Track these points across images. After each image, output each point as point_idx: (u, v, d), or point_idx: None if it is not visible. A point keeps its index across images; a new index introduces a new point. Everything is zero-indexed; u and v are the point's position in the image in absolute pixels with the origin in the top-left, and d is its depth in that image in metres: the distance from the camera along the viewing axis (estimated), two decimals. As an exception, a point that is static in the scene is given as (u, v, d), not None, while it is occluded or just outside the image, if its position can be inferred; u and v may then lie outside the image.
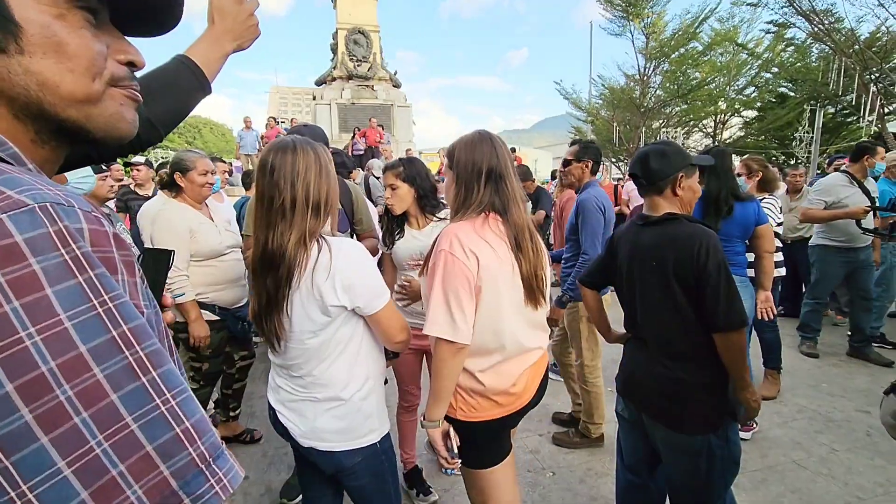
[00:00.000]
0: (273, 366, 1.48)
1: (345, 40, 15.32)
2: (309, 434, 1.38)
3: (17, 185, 0.39)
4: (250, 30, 0.98)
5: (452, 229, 1.42)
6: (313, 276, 1.26)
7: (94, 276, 0.39)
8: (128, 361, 0.39)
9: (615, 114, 19.00)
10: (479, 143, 1.47)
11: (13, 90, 0.46)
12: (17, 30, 0.45)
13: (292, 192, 1.27)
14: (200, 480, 0.41)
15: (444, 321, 1.36)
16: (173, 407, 0.41)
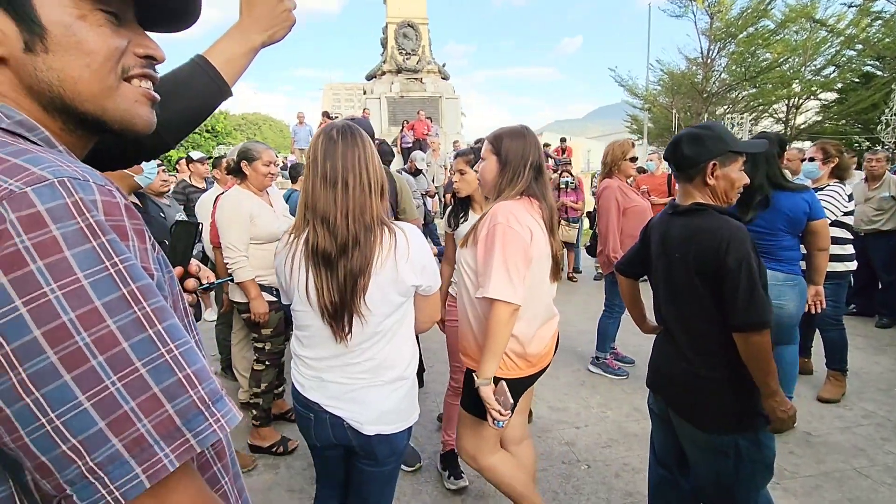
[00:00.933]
0: (307, 364, 1.42)
1: (394, 34, 15.50)
2: (375, 420, 1.37)
3: (39, 163, 0.44)
4: (282, 16, 0.90)
5: (507, 206, 1.58)
6: (395, 256, 1.30)
7: (106, 241, 0.44)
8: (136, 315, 0.45)
9: (674, 100, 18.03)
10: (526, 136, 1.70)
11: (39, 86, 0.52)
12: (42, 31, 0.51)
13: (367, 174, 1.31)
14: (201, 419, 0.46)
15: (504, 285, 1.51)
16: (176, 356, 0.46)
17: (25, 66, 0.51)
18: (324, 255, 1.29)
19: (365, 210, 1.30)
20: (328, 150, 1.30)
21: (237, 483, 0.67)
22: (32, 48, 0.51)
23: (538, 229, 1.60)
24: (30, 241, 0.41)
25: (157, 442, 0.44)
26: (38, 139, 0.51)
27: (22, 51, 0.51)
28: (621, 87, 19.38)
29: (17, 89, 0.52)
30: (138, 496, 0.43)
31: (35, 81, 0.52)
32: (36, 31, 0.51)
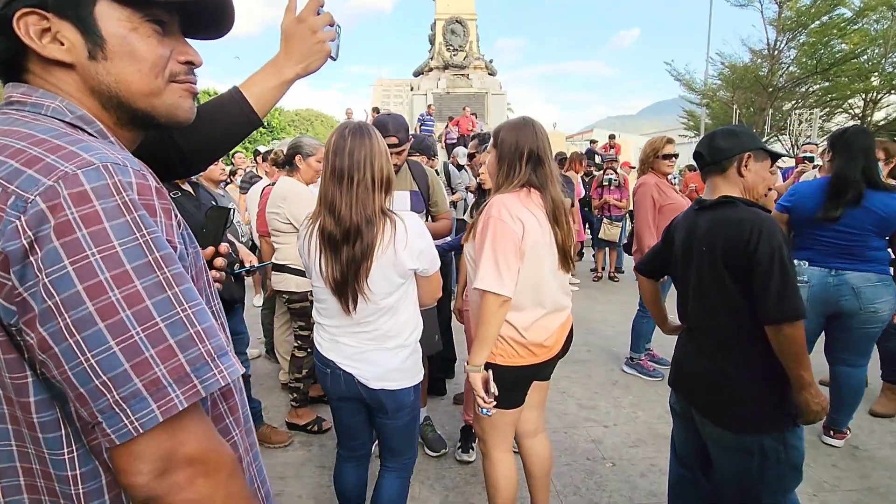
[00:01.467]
0: (325, 329, 1.65)
1: (442, 30, 15.59)
2: (381, 377, 1.59)
3: (90, 151, 0.54)
4: (315, 48, 0.93)
5: (500, 199, 1.61)
6: (395, 244, 1.47)
7: (138, 216, 0.53)
8: (158, 279, 0.53)
9: (736, 95, 17.04)
10: (523, 127, 1.68)
11: (100, 87, 0.63)
12: (103, 42, 0.61)
13: (372, 171, 1.47)
14: (207, 369, 0.54)
15: (492, 277, 1.55)
16: (189, 314, 0.55)
17: (89, 70, 0.62)
18: (330, 239, 1.50)
19: (367, 204, 1.47)
20: (339, 147, 1.48)
21: (249, 438, 0.76)
22: (95, 56, 0.62)
23: (532, 221, 1.60)
24: (77, 214, 0.50)
25: (171, 384, 0.52)
26: (94, 131, 0.62)
27: (86, 58, 0.62)
28: (678, 82, 18.54)
29: (82, 90, 0.64)
30: (153, 429, 0.51)
31: (96, 83, 0.63)
32: (98, 41, 0.61)
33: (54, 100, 0.60)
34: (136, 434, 0.50)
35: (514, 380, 1.71)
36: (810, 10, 14.95)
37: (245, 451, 0.73)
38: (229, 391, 0.72)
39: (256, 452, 0.78)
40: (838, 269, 2.48)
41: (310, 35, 0.92)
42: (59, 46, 0.60)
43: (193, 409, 0.55)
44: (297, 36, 0.92)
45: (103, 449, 0.55)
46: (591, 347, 4.27)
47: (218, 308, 0.74)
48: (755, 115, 16.63)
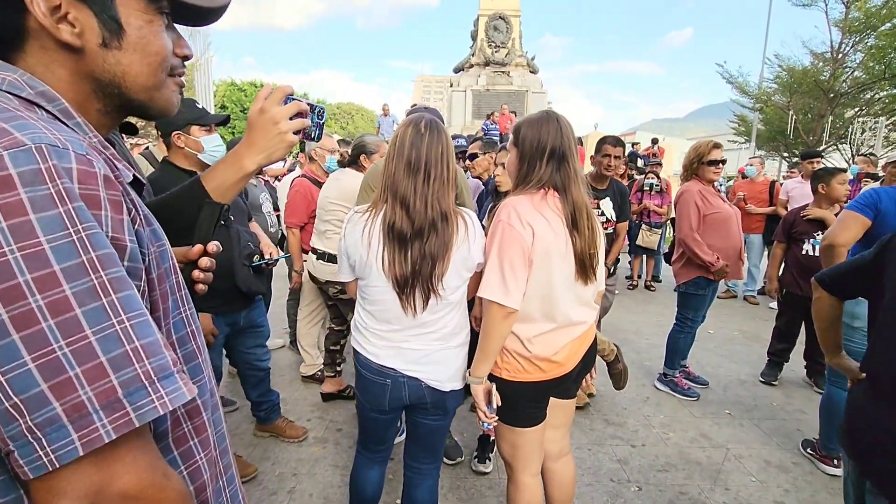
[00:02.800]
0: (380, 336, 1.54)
1: (485, 26, 15.41)
2: (452, 377, 1.57)
3: (24, 129, 0.46)
4: (275, 140, 0.88)
5: (512, 202, 1.50)
6: (469, 240, 1.47)
7: (73, 208, 0.45)
8: (92, 283, 0.45)
9: (792, 99, 16.09)
10: (546, 122, 1.54)
11: (102, 75, 0.60)
12: (121, 32, 0.59)
13: (448, 168, 1.46)
14: (143, 394, 0.46)
15: (497, 285, 1.46)
16: (127, 328, 0.47)
17: (96, 57, 0.58)
18: (399, 234, 1.43)
19: (442, 200, 1.44)
20: (415, 140, 1.44)
21: (223, 460, 0.68)
22: (108, 44, 0.58)
23: (544, 226, 1.47)
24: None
25: (97, 411, 0.44)
26: (56, 110, 0.56)
27: (98, 45, 0.58)
28: (729, 85, 17.65)
29: (77, 74, 0.59)
30: (76, 461, 0.44)
31: (100, 71, 0.59)
32: (116, 31, 0.58)
33: (13, 73, 0.54)
34: (51, 468, 0.43)
35: (525, 395, 1.60)
36: (881, 11, 13.92)
37: (213, 478, 0.66)
38: (195, 409, 0.64)
39: (231, 476, 0.71)
40: None
41: (271, 126, 0.88)
42: (70, 29, 0.56)
43: (133, 436, 0.47)
44: (258, 126, 0.88)
45: None
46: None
47: (188, 315, 0.67)
48: (813, 122, 15.66)
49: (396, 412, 1.65)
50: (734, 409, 3.24)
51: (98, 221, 0.48)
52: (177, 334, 0.63)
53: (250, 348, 2.47)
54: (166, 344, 0.51)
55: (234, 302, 2.21)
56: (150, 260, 0.56)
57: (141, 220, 0.56)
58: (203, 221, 0.88)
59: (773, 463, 2.65)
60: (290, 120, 0.88)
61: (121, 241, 0.50)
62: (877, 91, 14.95)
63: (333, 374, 3.25)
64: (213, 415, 0.68)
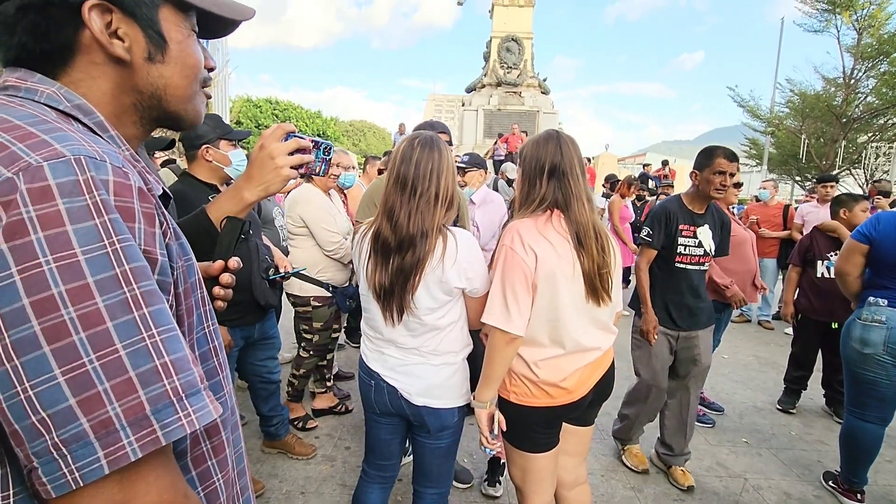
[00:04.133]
0: (370, 339, 1.62)
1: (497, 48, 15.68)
2: (424, 392, 1.53)
3: (64, 141, 0.47)
4: (272, 174, 0.93)
5: (515, 226, 1.50)
6: (444, 261, 1.44)
7: (109, 220, 0.45)
8: (125, 296, 0.45)
9: (805, 124, 16.06)
10: (546, 141, 1.55)
11: (145, 87, 0.62)
12: (165, 46, 0.61)
13: (437, 185, 1.45)
14: (170, 411, 0.45)
15: (499, 312, 1.45)
16: (157, 342, 0.46)
17: (141, 71, 0.60)
18: (383, 245, 1.47)
19: (426, 217, 1.43)
20: (406, 156, 1.46)
21: (241, 481, 0.67)
22: (153, 58, 0.61)
23: (548, 250, 1.45)
24: (35, 212, 0.42)
25: (124, 427, 0.43)
26: (91, 123, 0.57)
27: (144, 59, 0.60)
28: (741, 108, 17.69)
29: (120, 87, 0.60)
30: (101, 480, 0.42)
31: (144, 83, 0.61)
32: (160, 45, 0.61)
33: (51, 86, 0.56)
34: (75, 487, 0.42)
35: (534, 420, 1.56)
36: (894, 37, 13.94)
37: (229, 499, 0.64)
38: (215, 427, 0.62)
39: (248, 498, 0.69)
40: None
41: (268, 161, 0.92)
42: (121, 43, 0.58)
43: (157, 454, 0.46)
44: (257, 162, 0.93)
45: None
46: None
47: (212, 330, 0.67)
48: (826, 147, 15.59)
49: (392, 419, 1.64)
50: (751, 438, 3.15)
51: (132, 234, 0.48)
52: (199, 350, 0.63)
53: (262, 360, 2.46)
54: (195, 360, 0.50)
55: (249, 314, 2.22)
56: (178, 274, 0.56)
57: (171, 234, 0.57)
58: (224, 237, 0.88)
59: (793, 496, 2.56)
60: (290, 155, 0.93)
61: (152, 254, 0.50)
62: (890, 117, 14.89)
63: (324, 390, 3.26)
64: (232, 434, 0.67)
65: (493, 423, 1.53)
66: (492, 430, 1.53)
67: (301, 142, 0.93)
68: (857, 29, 14.73)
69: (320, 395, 3.26)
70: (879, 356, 2.27)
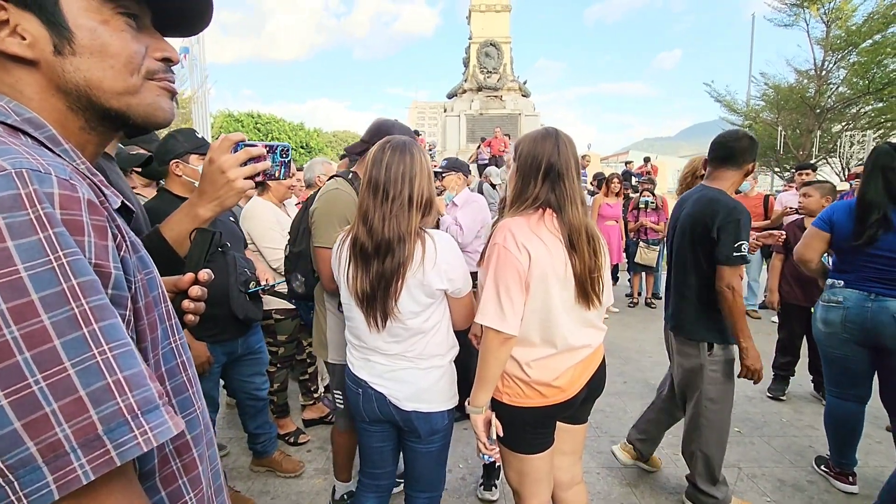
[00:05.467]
0: (355, 347, 1.61)
1: (476, 53, 15.78)
2: (412, 397, 1.52)
3: (5, 155, 0.45)
4: (225, 188, 0.88)
5: (507, 224, 1.46)
6: (423, 264, 1.43)
7: (54, 233, 0.43)
8: (73, 312, 0.43)
9: (780, 116, 16.40)
10: (543, 138, 1.50)
11: (67, 86, 0.57)
12: (70, 35, 0.55)
13: (410, 189, 1.43)
14: (124, 430, 0.43)
15: (493, 311, 1.42)
16: (109, 358, 0.44)
17: (55, 67, 0.55)
18: (362, 250, 1.46)
19: (402, 221, 1.42)
20: (377, 160, 1.45)
21: (217, 499, 0.65)
22: (61, 51, 0.55)
23: (541, 250, 1.41)
24: None
25: (75, 449, 0.41)
26: (42, 136, 0.54)
27: (52, 53, 0.55)
28: (718, 103, 18.01)
29: (45, 90, 0.56)
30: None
31: (63, 82, 0.56)
32: (64, 34, 0.55)
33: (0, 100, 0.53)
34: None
35: (528, 421, 1.54)
36: (861, 28, 14.33)
37: None
38: (185, 445, 0.60)
39: None
40: (878, 294, 2.26)
41: (219, 175, 0.88)
42: (19, 41, 0.53)
43: (114, 475, 0.44)
44: (207, 177, 0.89)
45: None
46: (627, 379, 4.01)
47: (179, 345, 0.64)
48: (802, 137, 15.91)
49: (382, 426, 1.63)
50: (743, 427, 3.17)
51: (80, 247, 0.45)
52: (166, 365, 0.60)
53: (249, 377, 2.41)
54: (151, 375, 0.48)
55: (231, 329, 2.17)
56: (136, 288, 0.54)
57: (127, 247, 0.54)
58: (194, 249, 0.85)
59: (787, 482, 2.57)
60: (243, 166, 0.88)
61: (105, 267, 0.48)
62: (862, 105, 15.25)
63: (312, 402, 3.25)
64: (207, 450, 0.65)
65: (490, 428, 1.50)
66: (489, 436, 1.50)
67: (252, 150, 0.88)
68: (825, 22, 15.12)
69: (309, 406, 3.24)
70: (840, 335, 2.38)
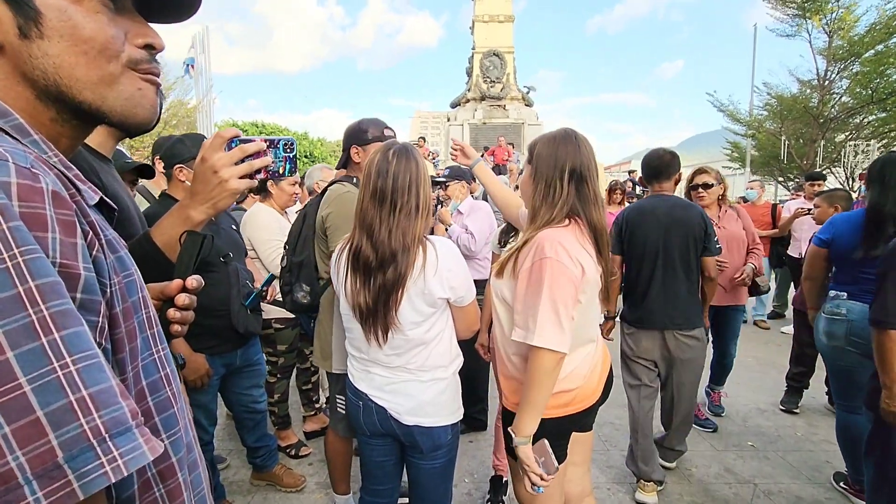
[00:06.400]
0: (356, 359, 1.55)
1: (479, 63, 15.86)
2: (414, 411, 1.47)
3: None
4: (218, 189, 0.82)
5: (555, 236, 1.36)
6: (425, 271, 1.38)
7: (8, 228, 0.38)
8: (30, 319, 0.37)
9: (784, 125, 16.37)
10: (564, 140, 1.44)
11: (34, 73, 0.51)
12: (37, 16, 0.49)
13: (417, 197, 1.40)
14: (89, 457, 0.37)
15: (552, 332, 1.30)
16: (72, 373, 0.38)
17: (20, 52, 0.50)
18: (365, 263, 1.40)
19: (407, 231, 1.38)
20: (381, 168, 1.39)
21: None
22: (27, 34, 0.49)
23: (590, 262, 1.37)
24: None
25: (30, 482, 0.35)
26: (8, 126, 0.49)
27: (17, 36, 0.49)
28: (720, 113, 18.00)
29: (10, 76, 0.51)
30: None
31: (29, 68, 0.51)
32: (30, 14, 0.49)
33: None
34: None
35: (550, 432, 1.46)
36: (864, 39, 14.33)
37: None
38: (170, 468, 0.54)
39: None
40: None
41: (211, 175, 0.81)
42: None
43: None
44: (198, 177, 0.83)
45: None
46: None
47: (163, 356, 0.58)
48: (805, 147, 15.87)
49: (384, 440, 1.58)
50: (757, 441, 3.08)
51: (42, 245, 0.40)
52: (148, 379, 0.54)
53: (247, 389, 2.34)
54: (124, 392, 0.42)
55: (230, 341, 2.10)
56: (112, 292, 0.48)
57: (101, 246, 0.48)
58: (183, 254, 0.78)
59: (805, 499, 2.48)
60: (238, 164, 0.81)
61: (73, 268, 0.42)
62: (865, 115, 15.22)
63: (314, 412, 3.19)
64: (190, 475, 0.58)
65: (547, 456, 1.36)
66: (547, 465, 1.36)
67: (248, 147, 0.81)
68: (827, 32, 15.13)
69: (310, 417, 3.18)
70: (844, 347, 2.34)
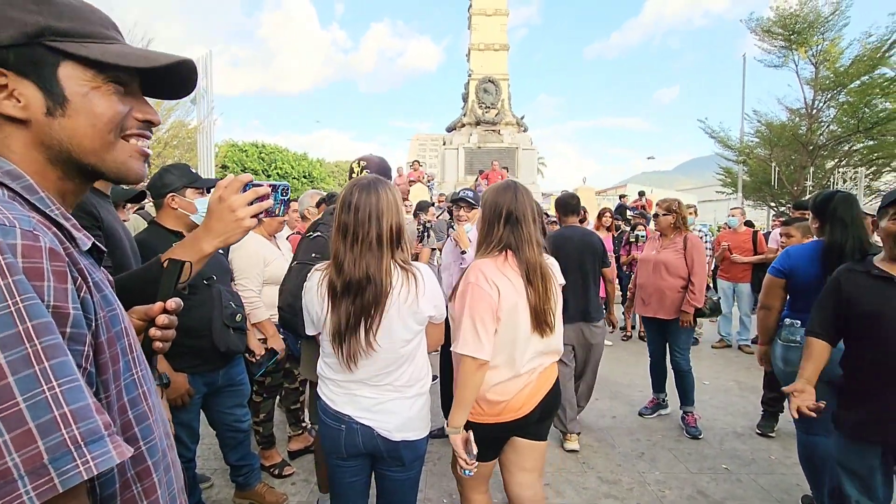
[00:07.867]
0: (337, 384, 1.61)
1: (475, 89, 16.28)
2: (402, 427, 1.58)
3: None
4: (233, 226, 0.95)
5: (478, 265, 1.68)
6: (417, 294, 1.52)
7: (13, 281, 0.48)
8: (27, 351, 0.47)
9: (773, 152, 16.71)
10: (504, 189, 1.76)
11: (51, 142, 0.64)
12: (64, 101, 0.63)
13: (378, 227, 1.47)
14: (67, 459, 0.47)
15: (472, 341, 1.61)
16: (57, 393, 0.48)
17: (43, 126, 0.63)
18: (332, 291, 1.52)
19: (371, 261, 1.47)
20: (345, 203, 1.51)
21: None
22: (53, 113, 0.63)
23: (508, 286, 1.65)
24: None
25: (22, 477, 0.45)
26: (19, 187, 0.61)
27: (44, 115, 0.63)
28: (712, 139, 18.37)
29: (29, 146, 0.64)
30: None
31: (48, 138, 0.64)
32: (59, 100, 0.63)
33: None
34: None
35: (482, 437, 1.70)
36: (848, 70, 14.75)
37: None
38: (146, 470, 0.64)
39: None
40: None
41: (228, 214, 0.95)
42: (15, 104, 0.61)
43: (62, 500, 0.48)
44: (216, 213, 0.95)
45: None
46: (616, 414, 3.98)
47: (141, 376, 0.69)
48: (795, 173, 16.16)
49: (358, 461, 1.64)
50: (731, 464, 3.14)
51: (39, 292, 0.51)
52: (128, 395, 0.65)
53: (229, 408, 2.41)
54: (99, 408, 0.52)
55: (212, 361, 2.19)
56: (98, 324, 0.59)
57: (88, 288, 0.59)
58: (165, 278, 0.90)
59: (772, 521, 2.54)
60: (250, 205, 0.95)
61: (62, 308, 0.53)
62: (853, 143, 15.54)
63: (300, 432, 3.24)
64: (165, 475, 0.69)
65: (469, 445, 1.64)
66: (469, 452, 1.63)
67: (260, 190, 0.96)
68: (813, 63, 15.57)
69: (295, 437, 3.23)
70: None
